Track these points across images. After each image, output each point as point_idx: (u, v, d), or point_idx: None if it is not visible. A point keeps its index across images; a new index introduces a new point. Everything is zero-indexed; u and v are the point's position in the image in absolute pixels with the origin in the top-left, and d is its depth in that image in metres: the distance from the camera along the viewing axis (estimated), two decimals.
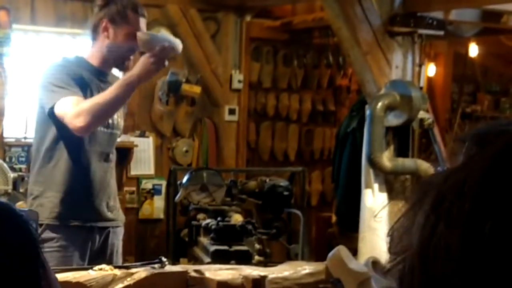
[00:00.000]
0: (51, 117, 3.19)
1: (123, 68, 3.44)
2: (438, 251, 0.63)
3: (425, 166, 4.80)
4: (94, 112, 3.06)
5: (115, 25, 3.28)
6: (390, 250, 0.69)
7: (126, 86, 3.12)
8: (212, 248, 4.44)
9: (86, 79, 3.28)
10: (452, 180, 0.65)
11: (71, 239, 3.24)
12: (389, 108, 4.75)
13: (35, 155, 3.34)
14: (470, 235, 0.61)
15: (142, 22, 3.34)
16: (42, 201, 3.27)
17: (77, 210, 3.28)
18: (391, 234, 0.69)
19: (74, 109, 3.09)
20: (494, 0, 5.00)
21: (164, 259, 2.72)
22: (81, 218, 3.28)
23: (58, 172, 3.27)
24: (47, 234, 3.16)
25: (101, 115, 3.12)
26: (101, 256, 3.28)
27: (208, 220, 4.81)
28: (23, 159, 5.65)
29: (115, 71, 3.55)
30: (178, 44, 3.21)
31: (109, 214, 3.39)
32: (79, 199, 3.29)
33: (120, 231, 3.48)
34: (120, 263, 3.36)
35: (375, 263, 3.04)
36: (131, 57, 3.38)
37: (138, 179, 6.30)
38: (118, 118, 3.41)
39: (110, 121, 3.34)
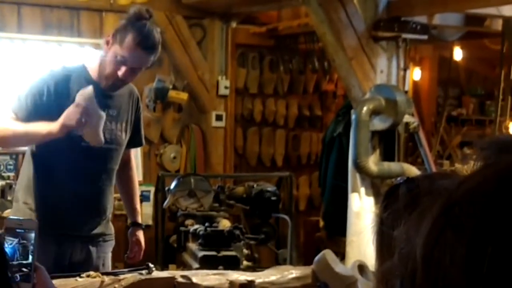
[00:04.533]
0: None
1: (112, 88, 3.24)
2: (442, 257, 0.62)
3: (411, 170, 4.84)
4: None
5: (113, 41, 3.14)
6: (395, 249, 0.69)
7: (42, 129, 3.06)
8: (200, 253, 4.45)
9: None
10: (465, 187, 0.64)
11: (46, 249, 3.06)
12: (374, 113, 4.79)
13: (24, 160, 3.33)
14: (475, 246, 0.60)
15: (138, 56, 3.14)
16: (21, 207, 3.24)
17: (53, 220, 3.15)
18: (398, 234, 0.69)
19: None
20: (476, 4, 5.04)
21: (151, 265, 2.74)
22: (58, 228, 3.17)
23: (38, 179, 3.22)
24: None
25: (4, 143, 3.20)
26: (83, 269, 3.08)
27: (196, 226, 4.83)
28: (11, 167, 5.66)
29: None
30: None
31: (91, 228, 3.30)
32: (58, 209, 3.20)
33: (109, 244, 3.40)
34: None
35: (361, 267, 3.07)
36: (117, 84, 3.20)
37: None
38: (118, 131, 3.29)
39: (107, 135, 3.20)
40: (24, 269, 1.62)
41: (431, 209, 0.65)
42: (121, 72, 3.13)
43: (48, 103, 3.15)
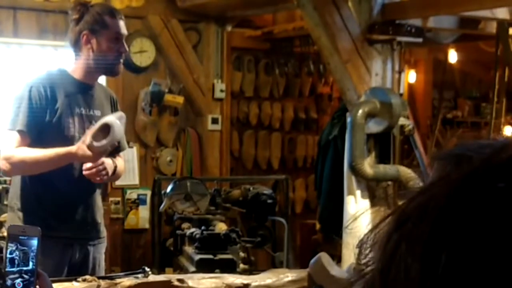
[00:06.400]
0: None
1: (114, 73, 3.42)
2: (398, 272, 0.61)
3: (407, 172, 4.85)
4: (19, 165, 3.18)
5: (96, 35, 3.25)
6: (358, 261, 0.68)
7: (63, 159, 3.13)
8: (197, 257, 4.46)
9: (67, 94, 3.26)
10: (418, 200, 0.63)
11: (47, 252, 3.10)
12: (369, 115, 4.80)
13: None
14: (428, 260, 0.60)
15: (122, 25, 3.33)
16: (20, 214, 3.25)
17: (52, 223, 3.20)
18: (360, 245, 0.68)
19: (8, 150, 3.17)
20: (470, 7, 5.06)
21: (147, 268, 2.75)
22: (57, 231, 3.21)
23: (32, 183, 3.25)
24: None
25: (24, 170, 3.24)
26: (81, 270, 3.19)
27: (192, 229, 4.83)
28: None
29: (102, 80, 3.55)
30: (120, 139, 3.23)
31: (88, 229, 3.34)
32: (55, 213, 3.24)
33: (103, 246, 3.44)
34: None
35: None
36: (121, 60, 3.35)
37: (122, 189, 6.31)
38: None
39: None
40: (25, 276, 1.64)
41: (387, 223, 0.65)
42: (123, 47, 3.31)
43: (40, 107, 3.21)
